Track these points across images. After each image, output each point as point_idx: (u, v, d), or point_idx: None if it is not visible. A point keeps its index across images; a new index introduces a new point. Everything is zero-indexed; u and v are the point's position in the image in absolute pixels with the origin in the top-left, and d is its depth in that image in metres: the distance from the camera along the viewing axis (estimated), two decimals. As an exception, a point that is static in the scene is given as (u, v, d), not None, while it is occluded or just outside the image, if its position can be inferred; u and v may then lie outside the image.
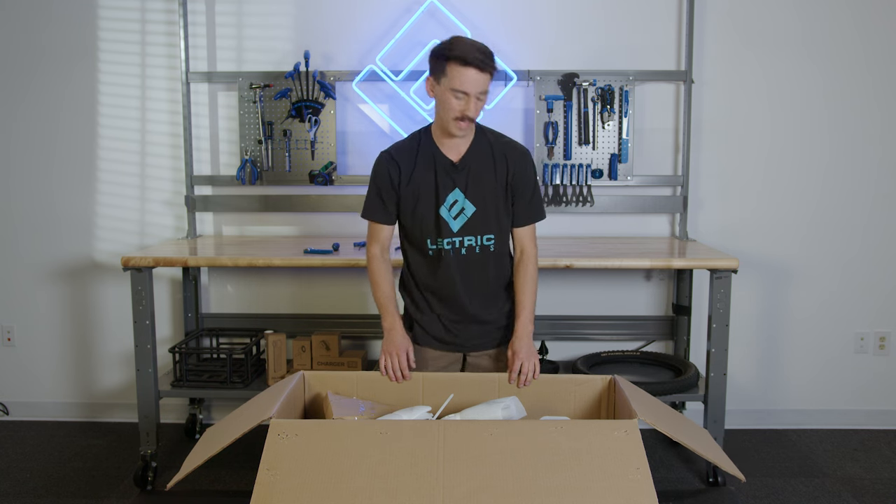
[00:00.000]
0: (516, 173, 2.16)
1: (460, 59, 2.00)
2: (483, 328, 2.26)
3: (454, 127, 2.07)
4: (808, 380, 3.49)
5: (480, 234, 2.16)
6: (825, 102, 3.34)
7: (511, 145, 2.19)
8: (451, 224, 2.14)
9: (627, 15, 3.30)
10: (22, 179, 3.45)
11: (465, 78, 2.00)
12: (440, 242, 2.16)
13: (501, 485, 1.38)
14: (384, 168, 2.18)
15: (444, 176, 2.13)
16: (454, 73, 2.01)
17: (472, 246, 2.16)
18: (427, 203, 2.14)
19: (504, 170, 2.15)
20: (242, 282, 3.47)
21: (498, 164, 2.15)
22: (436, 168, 2.14)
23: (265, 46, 3.34)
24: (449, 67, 2.02)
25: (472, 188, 2.14)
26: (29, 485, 2.92)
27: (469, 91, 2.02)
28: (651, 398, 1.92)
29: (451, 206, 2.14)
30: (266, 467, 1.39)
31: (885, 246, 3.41)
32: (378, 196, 2.19)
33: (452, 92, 2.03)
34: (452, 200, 2.14)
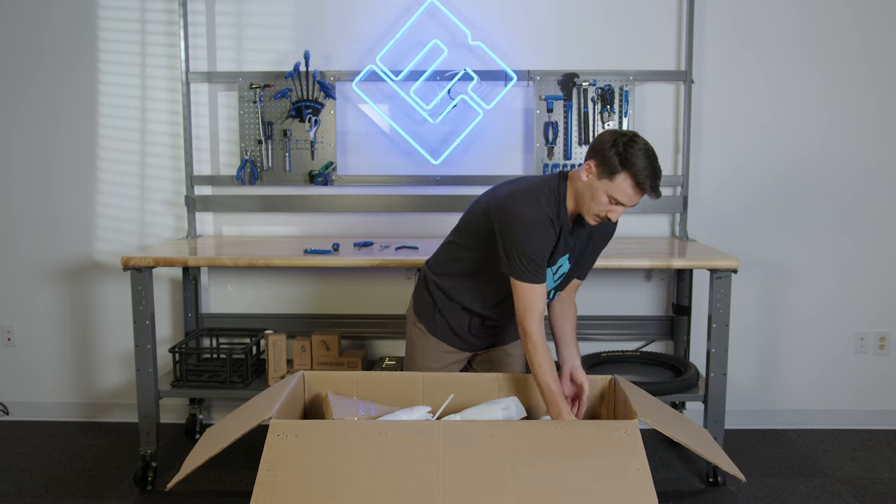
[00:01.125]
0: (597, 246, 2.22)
1: (636, 180, 1.92)
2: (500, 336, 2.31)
3: (591, 220, 2.03)
4: (808, 380, 3.49)
5: (559, 290, 2.21)
6: (825, 102, 3.34)
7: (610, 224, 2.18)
8: (549, 282, 2.11)
9: (627, 15, 3.30)
10: (22, 179, 3.45)
11: (631, 196, 1.95)
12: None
13: (501, 485, 1.38)
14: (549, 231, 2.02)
15: (562, 241, 2.07)
16: (623, 187, 1.93)
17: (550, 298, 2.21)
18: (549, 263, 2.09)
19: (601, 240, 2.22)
20: (242, 282, 3.47)
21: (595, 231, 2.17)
22: (561, 233, 2.06)
23: (265, 46, 3.34)
24: (620, 178, 1.93)
25: (573, 252, 2.14)
26: (29, 485, 2.92)
27: (626, 205, 1.97)
28: (651, 398, 1.91)
29: (556, 269, 2.12)
30: (266, 467, 1.39)
31: (886, 246, 3.41)
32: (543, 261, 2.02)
33: (610, 197, 1.96)
34: (559, 264, 2.12)
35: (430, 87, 3.27)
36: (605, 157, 1.94)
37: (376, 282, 3.44)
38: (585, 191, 1.99)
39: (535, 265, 1.99)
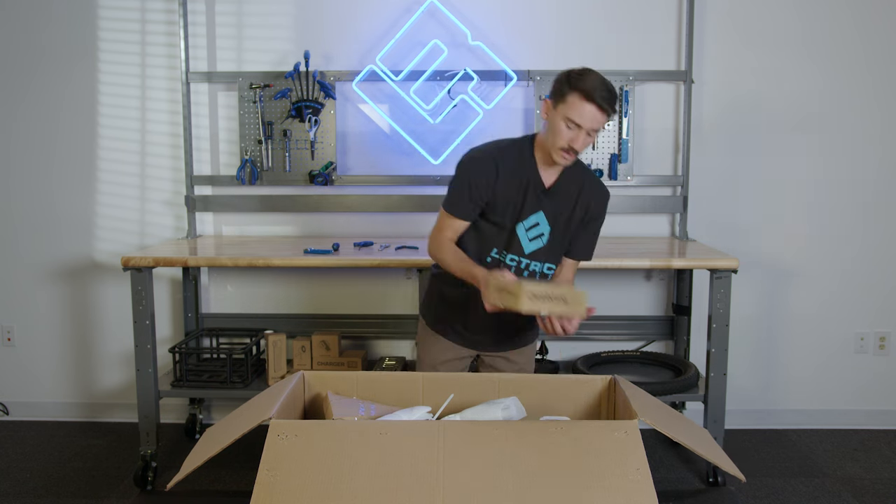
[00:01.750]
0: (596, 216, 2.19)
1: (584, 93, 1.97)
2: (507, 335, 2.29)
3: (558, 156, 2.04)
4: (808, 380, 3.49)
5: (545, 261, 2.17)
6: (825, 102, 3.34)
7: (598, 189, 2.19)
8: (525, 244, 2.13)
9: (627, 15, 3.30)
10: (22, 179, 3.45)
11: (583, 111, 1.97)
12: (504, 255, 2.14)
13: (501, 485, 1.38)
14: (484, 173, 2.07)
15: (533, 197, 2.10)
16: (573, 104, 1.98)
17: (535, 271, 2.17)
18: (509, 215, 2.11)
19: (583, 212, 2.16)
20: (242, 282, 3.47)
21: (581, 202, 2.15)
22: (529, 187, 2.09)
23: (265, 46, 3.34)
24: (570, 96, 1.98)
25: (553, 216, 2.13)
26: (29, 485, 2.92)
27: (583, 125, 1.98)
28: (651, 398, 1.91)
29: (530, 227, 2.12)
30: (266, 467, 1.39)
31: (885, 246, 3.41)
32: (468, 193, 2.08)
33: (566, 120, 2.00)
34: (534, 222, 2.12)
35: (430, 87, 3.27)
36: (558, 87, 2.03)
37: (376, 282, 3.44)
38: (547, 130, 2.05)
39: (457, 195, 2.08)
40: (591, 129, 1.99)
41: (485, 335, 2.29)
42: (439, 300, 2.31)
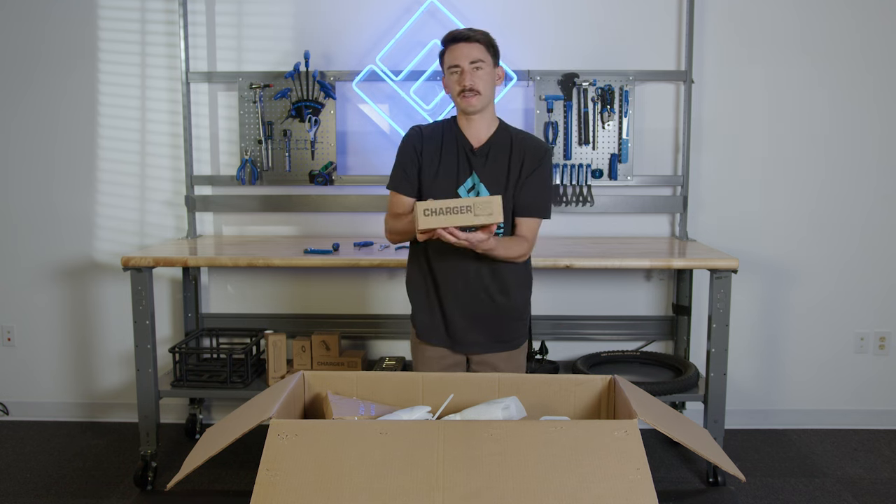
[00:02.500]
0: (532, 168, 2.18)
1: (447, 39, 2.16)
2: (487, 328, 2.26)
3: (462, 104, 2.15)
4: (808, 380, 3.49)
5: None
6: (825, 102, 3.34)
7: (531, 140, 2.22)
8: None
9: (627, 15, 3.30)
10: (22, 179, 3.45)
11: (454, 53, 2.14)
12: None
13: (501, 485, 1.38)
14: (410, 140, 2.23)
15: (463, 159, 2.20)
16: (447, 54, 2.16)
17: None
18: (446, 181, 2.19)
19: (519, 164, 2.18)
20: (242, 282, 3.47)
21: (514, 156, 2.19)
22: (457, 150, 2.21)
23: (265, 46, 3.34)
24: (444, 54, 2.18)
25: (486, 176, 2.18)
26: (29, 485, 2.92)
27: (459, 63, 2.12)
28: (651, 398, 1.91)
29: (468, 189, 2.19)
30: (266, 467, 1.39)
31: (885, 246, 3.41)
32: (402, 167, 2.23)
33: (449, 71, 2.15)
34: (470, 184, 2.19)
35: (430, 87, 3.27)
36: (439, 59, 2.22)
37: (376, 282, 3.44)
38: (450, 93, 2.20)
39: (393, 172, 2.24)
40: (470, 63, 2.11)
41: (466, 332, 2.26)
42: (415, 303, 2.32)
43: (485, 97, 2.15)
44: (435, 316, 2.27)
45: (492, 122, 2.23)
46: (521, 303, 2.31)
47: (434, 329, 2.28)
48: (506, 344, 2.30)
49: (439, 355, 2.30)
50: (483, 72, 2.13)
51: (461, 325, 2.25)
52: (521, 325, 2.33)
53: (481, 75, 2.13)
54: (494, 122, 2.24)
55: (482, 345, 2.29)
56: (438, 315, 2.27)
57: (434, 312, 2.27)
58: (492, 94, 2.20)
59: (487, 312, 2.25)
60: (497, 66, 2.21)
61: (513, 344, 2.31)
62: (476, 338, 2.27)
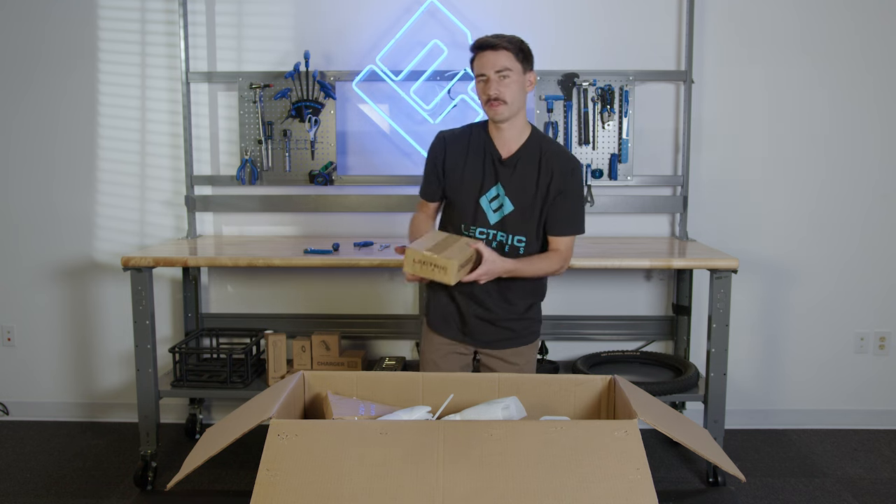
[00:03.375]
0: (560, 186, 2.16)
1: (473, 47, 2.14)
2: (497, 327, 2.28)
3: (490, 112, 2.13)
4: (808, 380, 3.49)
5: (513, 233, 2.18)
6: (825, 102, 3.34)
7: (561, 156, 2.18)
8: (490, 216, 2.19)
9: (627, 15, 3.30)
10: (22, 179, 3.45)
11: (481, 61, 2.12)
12: (473, 230, 2.21)
13: (501, 485, 1.38)
14: (434, 147, 2.26)
15: (489, 167, 2.18)
16: (475, 62, 2.15)
17: (503, 242, 2.19)
18: (470, 189, 2.19)
19: (548, 179, 2.16)
20: (242, 282, 3.47)
21: (543, 171, 2.16)
22: (484, 158, 2.19)
23: (265, 46, 3.34)
24: (473, 62, 2.16)
25: (512, 187, 2.16)
26: (29, 485, 2.92)
27: (485, 72, 2.10)
28: (651, 398, 1.91)
29: (492, 199, 2.18)
30: (266, 467, 1.39)
31: (885, 246, 3.41)
32: (426, 175, 2.29)
33: (477, 79, 2.14)
34: (494, 194, 2.18)
35: (430, 87, 3.27)
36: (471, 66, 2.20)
37: (376, 282, 3.44)
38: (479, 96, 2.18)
39: (423, 178, 2.29)
40: (496, 72, 2.09)
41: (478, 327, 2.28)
42: (432, 295, 2.34)
43: (512, 105, 2.11)
44: (449, 312, 2.30)
45: (523, 131, 2.19)
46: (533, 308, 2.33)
47: (446, 324, 2.31)
48: (517, 340, 2.32)
49: (449, 345, 2.33)
50: (510, 80, 2.09)
51: (473, 324, 2.28)
52: (533, 324, 2.34)
53: (508, 83, 2.09)
54: (526, 129, 2.20)
55: (493, 342, 2.32)
56: (452, 312, 2.29)
57: (448, 309, 2.30)
58: (521, 102, 2.15)
59: (499, 314, 2.26)
60: (529, 72, 2.15)
61: (524, 340, 2.33)
62: (488, 335, 2.30)
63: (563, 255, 2.22)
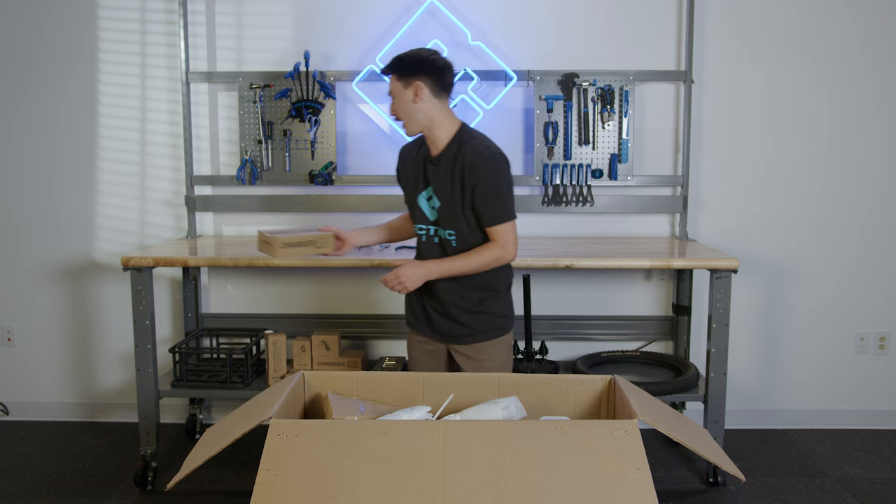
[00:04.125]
0: (473, 179, 2.21)
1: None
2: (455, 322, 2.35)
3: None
4: (808, 380, 3.49)
5: (444, 227, 2.30)
6: (825, 102, 3.34)
7: (473, 150, 2.22)
8: (428, 213, 2.32)
9: (627, 15, 3.30)
10: (22, 179, 3.45)
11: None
12: (417, 227, 2.38)
13: (501, 485, 1.38)
14: (401, 152, 2.46)
15: (422, 168, 2.33)
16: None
17: (440, 236, 2.32)
18: (412, 189, 2.36)
19: (461, 173, 2.22)
20: (242, 282, 3.47)
21: (458, 166, 2.23)
22: (422, 161, 2.34)
23: (265, 46, 3.34)
24: None
25: (437, 184, 2.28)
26: (29, 485, 2.92)
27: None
28: (651, 398, 1.91)
29: (428, 197, 2.32)
30: (266, 467, 1.39)
31: (885, 246, 3.41)
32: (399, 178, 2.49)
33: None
34: (429, 193, 2.31)
35: (430, 87, 3.27)
36: None
37: (376, 282, 3.43)
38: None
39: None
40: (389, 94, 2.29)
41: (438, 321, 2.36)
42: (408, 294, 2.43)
43: (410, 120, 2.25)
44: (417, 308, 2.41)
45: (448, 132, 2.26)
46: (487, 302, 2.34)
47: (416, 318, 2.43)
48: (477, 336, 2.35)
49: (422, 341, 2.44)
50: (397, 99, 2.25)
51: (437, 319, 2.37)
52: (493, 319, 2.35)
53: (396, 103, 2.26)
54: (451, 131, 2.26)
55: (456, 337, 2.36)
56: (419, 308, 2.40)
57: (416, 305, 2.41)
58: (423, 112, 2.23)
59: (459, 305, 2.33)
60: (410, 84, 2.22)
61: (485, 336, 2.35)
62: (454, 330, 2.36)
63: (499, 244, 2.25)
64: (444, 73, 2.25)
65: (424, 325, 2.40)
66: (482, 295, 2.32)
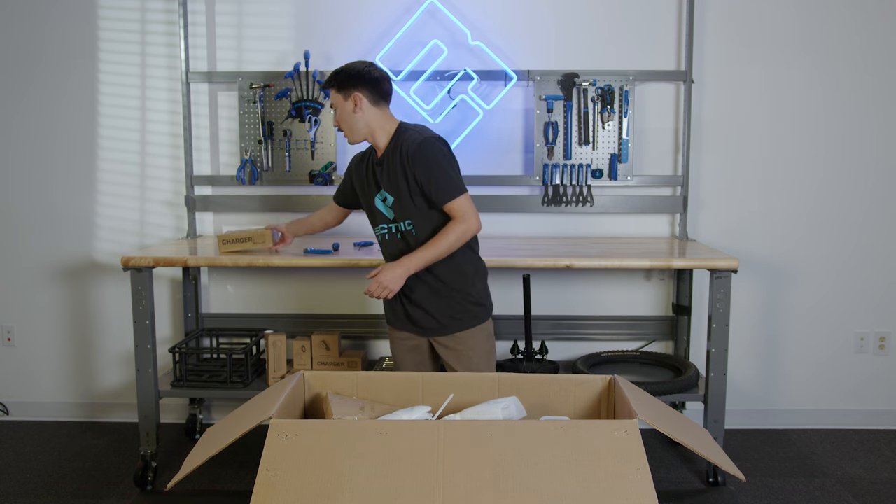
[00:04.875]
0: (415, 165, 2.28)
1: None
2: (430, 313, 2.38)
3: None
4: (808, 380, 3.49)
5: (401, 219, 2.35)
6: (824, 103, 3.34)
7: (409, 139, 2.31)
8: (386, 212, 2.39)
9: (627, 15, 3.30)
10: (22, 179, 3.45)
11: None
12: (378, 229, 2.43)
13: (501, 485, 1.38)
14: (348, 168, 2.58)
15: (371, 172, 2.41)
16: None
17: (399, 230, 2.37)
18: (367, 195, 2.44)
19: (404, 163, 2.30)
20: (242, 282, 3.47)
21: (400, 158, 2.31)
22: (369, 164, 2.43)
23: (265, 46, 3.34)
24: None
25: (385, 180, 2.36)
26: (29, 485, 2.92)
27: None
28: (651, 398, 1.91)
29: (382, 198, 2.39)
30: (266, 467, 1.39)
31: (886, 246, 3.41)
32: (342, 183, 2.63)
33: None
34: (383, 195, 2.38)
35: (430, 87, 3.27)
36: None
37: (376, 282, 3.43)
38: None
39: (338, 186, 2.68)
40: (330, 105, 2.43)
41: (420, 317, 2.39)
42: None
43: (352, 129, 2.35)
44: (395, 305, 2.43)
45: (390, 132, 2.36)
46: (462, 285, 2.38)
47: (395, 315, 2.46)
48: (460, 322, 2.38)
49: (404, 338, 2.47)
50: (339, 110, 2.35)
51: (413, 311, 2.40)
52: (470, 305, 2.39)
53: (339, 115, 2.36)
54: (392, 129, 2.37)
55: (437, 328, 2.39)
56: (397, 304, 2.42)
57: (395, 302, 2.43)
58: (358, 122, 2.34)
59: (432, 297, 2.37)
60: (350, 96, 2.33)
61: (463, 325, 2.38)
62: (430, 322, 2.39)
63: (459, 219, 2.30)
64: (380, 84, 2.35)
65: (404, 321, 2.43)
66: (457, 284, 2.36)
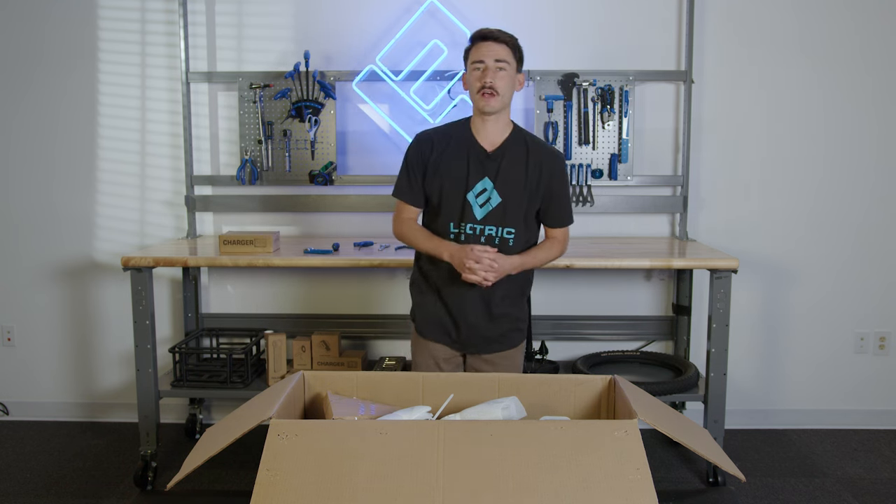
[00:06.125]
0: (552, 179, 2.22)
1: (475, 37, 2.18)
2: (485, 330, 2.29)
3: (480, 102, 2.15)
4: (808, 380, 3.49)
5: (502, 225, 2.21)
6: (824, 103, 3.34)
7: (547, 150, 2.25)
8: (476, 211, 2.20)
9: (627, 15, 3.30)
10: (22, 179, 3.45)
11: (479, 50, 2.15)
12: (462, 227, 2.21)
13: (501, 485, 1.38)
14: (417, 146, 2.25)
15: (475, 163, 2.19)
16: (472, 51, 2.18)
17: (492, 236, 2.21)
18: (455, 186, 2.20)
19: (537, 173, 2.20)
20: (242, 282, 3.47)
21: (531, 165, 2.20)
22: (469, 153, 2.20)
23: (265, 46, 3.34)
24: (470, 49, 2.19)
25: (500, 180, 2.19)
26: (29, 485, 2.92)
27: (484, 59, 2.13)
28: (651, 398, 1.91)
29: (478, 193, 2.19)
30: (266, 467, 1.39)
31: (885, 246, 3.41)
32: (406, 175, 2.26)
33: (472, 66, 2.16)
34: (481, 189, 2.19)
35: (430, 87, 3.27)
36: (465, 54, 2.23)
37: (376, 282, 3.44)
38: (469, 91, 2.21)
39: (400, 180, 2.28)
40: (494, 62, 2.13)
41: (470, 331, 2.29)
42: (420, 300, 2.35)
43: (503, 98, 2.16)
44: (437, 317, 2.31)
45: (506, 126, 2.24)
46: (520, 307, 2.35)
47: (435, 328, 2.32)
48: (503, 344, 2.33)
49: (439, 351, 2.34)
50: (505, 73, 2.14)
51: (462, 328, 2.29)
52: (520, 323, 2.36)
53: (503, 76, 2.14)
54: (509, 126, 2.25)
55: (480, 346, 2.33)
56: (444, 317, 2.30)
57: (437, 314, 2.30)
58: (510, 98, 2.20)
59: (486, 316, 2.28)
60: (520, 73, 2.22)
61: (510, 343, 2.34)
62: (476, 339, 2.31)
63: (562, 243, 2.33)
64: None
65: (449, 337, 2.31)
66: (517, 300, 2.31)
